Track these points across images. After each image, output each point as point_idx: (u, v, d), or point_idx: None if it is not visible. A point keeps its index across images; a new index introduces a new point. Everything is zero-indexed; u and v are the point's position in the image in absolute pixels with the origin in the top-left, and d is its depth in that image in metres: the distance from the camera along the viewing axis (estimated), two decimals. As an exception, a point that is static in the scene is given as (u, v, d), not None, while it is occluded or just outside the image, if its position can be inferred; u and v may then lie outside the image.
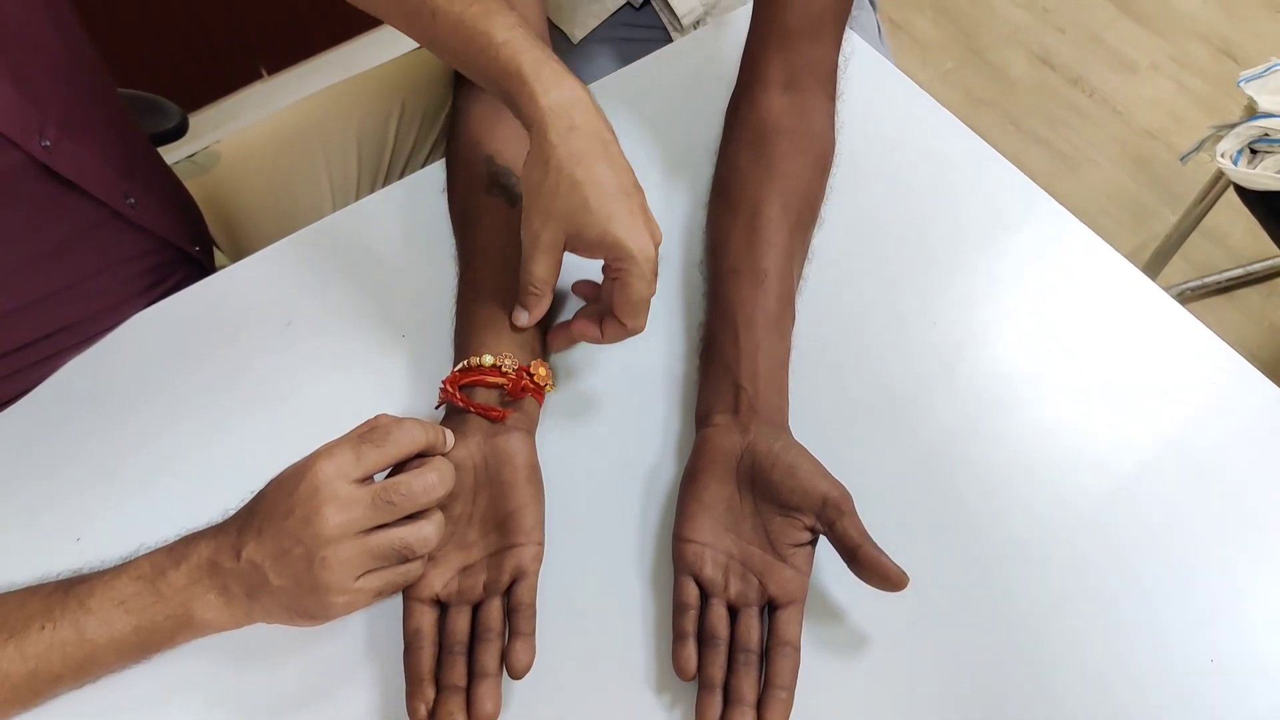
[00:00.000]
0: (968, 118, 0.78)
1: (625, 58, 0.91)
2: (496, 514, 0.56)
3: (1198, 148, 1.29)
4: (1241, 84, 1.24)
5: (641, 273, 0.56)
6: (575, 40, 0.99)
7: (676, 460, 0.63)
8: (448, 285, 0.67)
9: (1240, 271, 1.66)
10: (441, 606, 0.55)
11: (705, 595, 0.55)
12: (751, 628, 0.53)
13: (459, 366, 0.60)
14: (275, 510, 0.51)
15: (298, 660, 0.56)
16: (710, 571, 0.55)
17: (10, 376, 0.66)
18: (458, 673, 0.52)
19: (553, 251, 0.58)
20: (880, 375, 0.67)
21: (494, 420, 0.58)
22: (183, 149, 0.93)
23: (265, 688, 0.55)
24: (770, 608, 0.54)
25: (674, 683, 0.54)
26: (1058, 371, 0.67)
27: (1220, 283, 1.66)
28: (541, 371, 0.60)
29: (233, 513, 0.54)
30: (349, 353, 0.68)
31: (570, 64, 0.60)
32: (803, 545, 0.55)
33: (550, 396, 0.63)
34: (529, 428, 0.60)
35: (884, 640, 0.56)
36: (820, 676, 0.54)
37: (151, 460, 0.63)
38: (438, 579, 0.54)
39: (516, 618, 0.53)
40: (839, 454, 0.57)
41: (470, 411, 0.58)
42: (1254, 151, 1.21)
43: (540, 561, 0.56)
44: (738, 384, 0.59)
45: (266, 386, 0.66)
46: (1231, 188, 1.26)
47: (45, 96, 0.60)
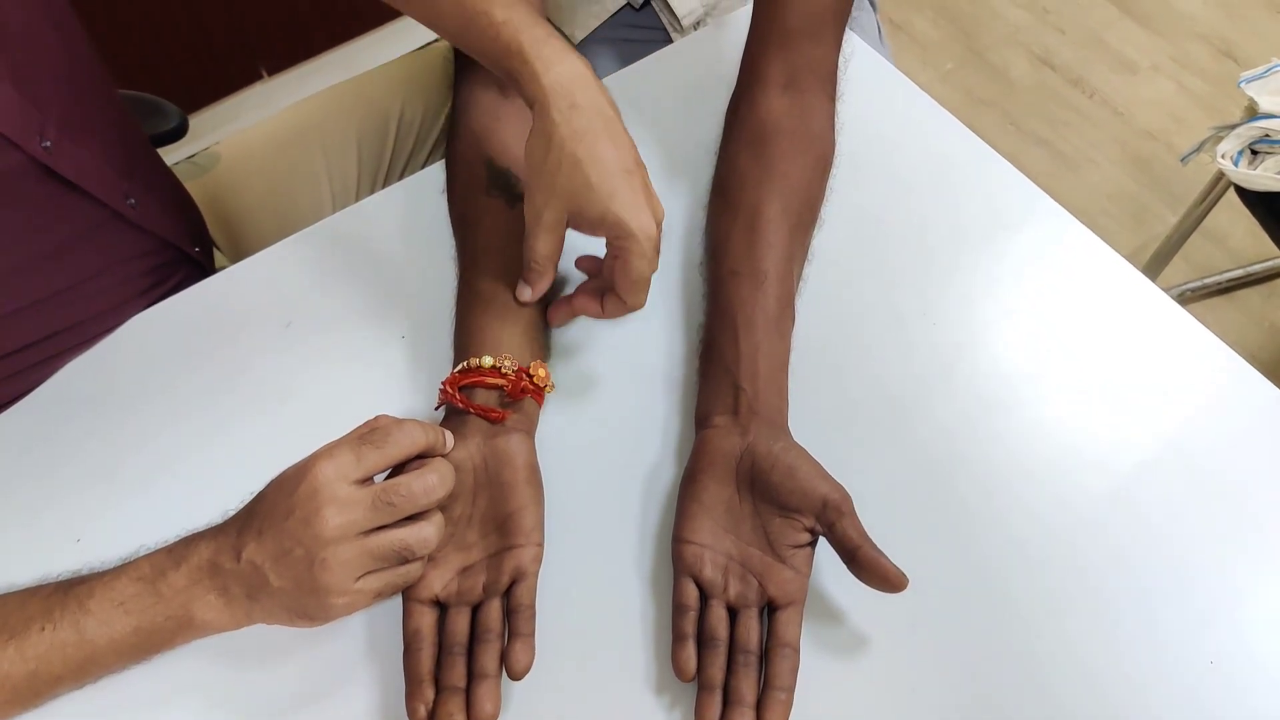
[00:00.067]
0: (968, 118, 0.78)
1: (625, 59, 0.91)
2: (496, 515, 0.56)
3: (1198, 148, 1.29)
4: (1242, 85, 1.24)
5: (642, 251, 0.57)
6: (575, 41, 0.99)
7: (676, 462, 0.63)
8: (447, 286, 0.67)
9: (1240, 272, 1.66)
10: (441, 607, 0.55)
11: (705, 596, 0.55)
12: (751, 629, 0.53)
13: (459, 368, 0.60)
14: (275, 511, 0.51)
15: (297, 661, 0.56)
16: (710, 573, 0.55)
17: (11, 377, 0.66)
18: (457, 674, 0.52)
19: (555, 229, 0.59)
20: (880, 376, 0.67)
21: (494, 421, 0.58)
22: (183, 150, 0.93)
23: (265, 688, 0.55)
24: (770, 609, 0.54)
25: (673, 684, 0.54)
26: (1057, 372, 0.67)
27: (1220, 283, 1.66)
28: (541, 373, 0.60)
29: (233, 514, 0.54)
30: (349, 353, 0.68)
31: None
32: (802, 546, 0.55)
33: (550, 398, 0.63)
34: (529, 429, 0.60)
35: (883, 641, 0.56)
36: (820, 678, 0.54)
37: (151, 461, 0.63)
38: (437, 580, 0.54)
39: (516, 619, 0.53)
40: (838, 455, 0.57)
41: (470, 413, 0.58)
42: (1254, 152, 1.21)
43: (540, 563, 0.56)
44: (737, 385, 0.59)
45: (266, 387, 0.66)
46: (1232, 189, 1.26)
47: (45, 97, 0.60)
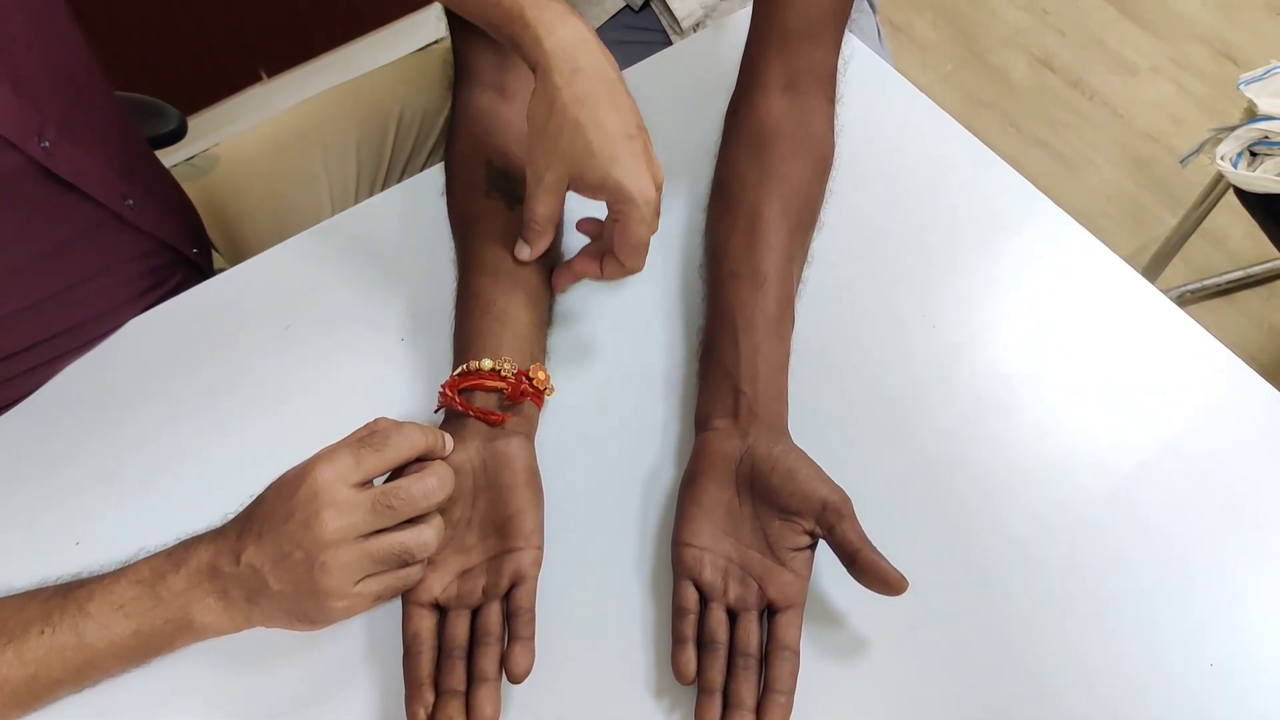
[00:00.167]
0: (968, 120, 0.78)
1: (625, 60, 0.90)
2: (496, 518, 0.56)
3: (1198, 150, 1.29)
4: (1241, 87, 1.24)
5: (641, 216, 0.57)
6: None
7: (676, 464, 0.63)
8: (447, 289, 0.67)
9: (1240, 274, 1.66)
10: (441, 611, 0.55)
11: (704, 599, 0.55)
12: (751, 632, 0.53)
13: (458, 370, 0.60)
14: (275, 514, 0.51)
15: (297, 664, 0.55)
16: (709, 576, 0.55)
17: (11, 380, 0.66)
18: (457, 677, 0.52)
19: (555, 192, 0.59)
20: (879, 378, 0.66)
21: (493, 424, 0.58)
22: (182, 152, 0.93)
23: (264, 691, 0.55)
24: (769, 612, 0.54)
25: (673, 687, 0.54)
26: (1057, 373, 0.67)
27: (1220, 285, 1.66)
28: (541, 375, 0.60)
29: (232, 517, 0.54)
30: (348, 356, 0.68)
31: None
32: (802, 549, 0.55)
33: (549, 400, 0.63)
34: (528, 432, 0.60)
35: (883, 644, 0.56)
36: (820, 680, 0.54)
37: (151, 464, 0.63)
38: (437, 583, 0.54)
39: (516, 622, 0.53)
40: (838, 457, 0.57)
41: (469, 415, 0.58)
42: (1254, 154, 1.21)
43: (539, 566, 0.56)
44: (737, 388, 0.59)
45: (265, 390, 0.66)
46: (1231, 190, 1.26)
47: (44, 99, 0.60)
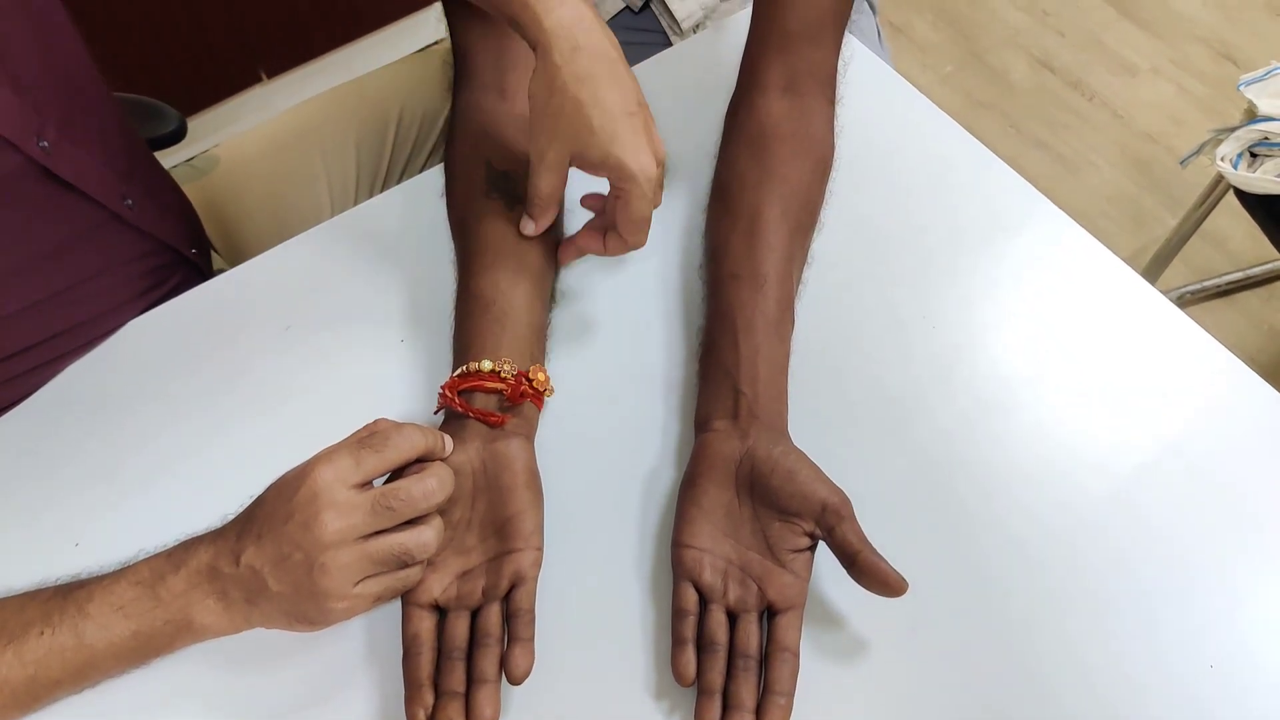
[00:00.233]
0: (968, 121, 0.78)
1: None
2: (495, 519, 0.56)
3: (1198, 151, 1.29)
4: (1241, 88, 1.24)
5: (642, 192, 0.58)
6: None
7: (675, 465, 0.63)
8: (446, 290, 0.67)
9: (1240, 275, 1.66)
10: (440, 612, 0.55)
11: (704, 601, 0.55)
12: (750, 633, 0.53)
13: (458, 371, 0.60)
14: (274, 515, 0.50)
15: (296, 665, 0.55)
16: (709, 577, 0.55)
17: (11, 381, 0.66)
18: (456, 678, 0.52)
19: (558, 169, 0.60)
20: (880, 379, 0.66)
21: (493, 425, 0.58)
22: (181, 153, 0.93)
23: (264, 692, 0.55)
24: (769, 613, 0.54)
25: (673, 688, 0.54)
26: (1057, 374, 0.67)
27: (1220, 286, 1.66)
28: (540, 377, 0.60)
29: (232, 518, 0.54)
30: (348, 357, 0.68)
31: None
32: (802, 551, 0.55)
33: (549, 402, 0.63)
34: (528, 433, 0.60)
35: (883, 646, 0.56)
36: (819, 682, 0.54)
37: (151, 465, 0.63)
38: (436, 584, 0.54)
39: (515, 623, 0.53)
40: (838, 459, 0.57)
41: (469, 417, 0.58)
42: (1254, 155, 1.21)
43: (539, 567, 0.56)
44: (737, 389, 0.59)
45: (265, 391, 0.66)
46: (1231, 191, 1.26)
47: (43, 99, 0.60)
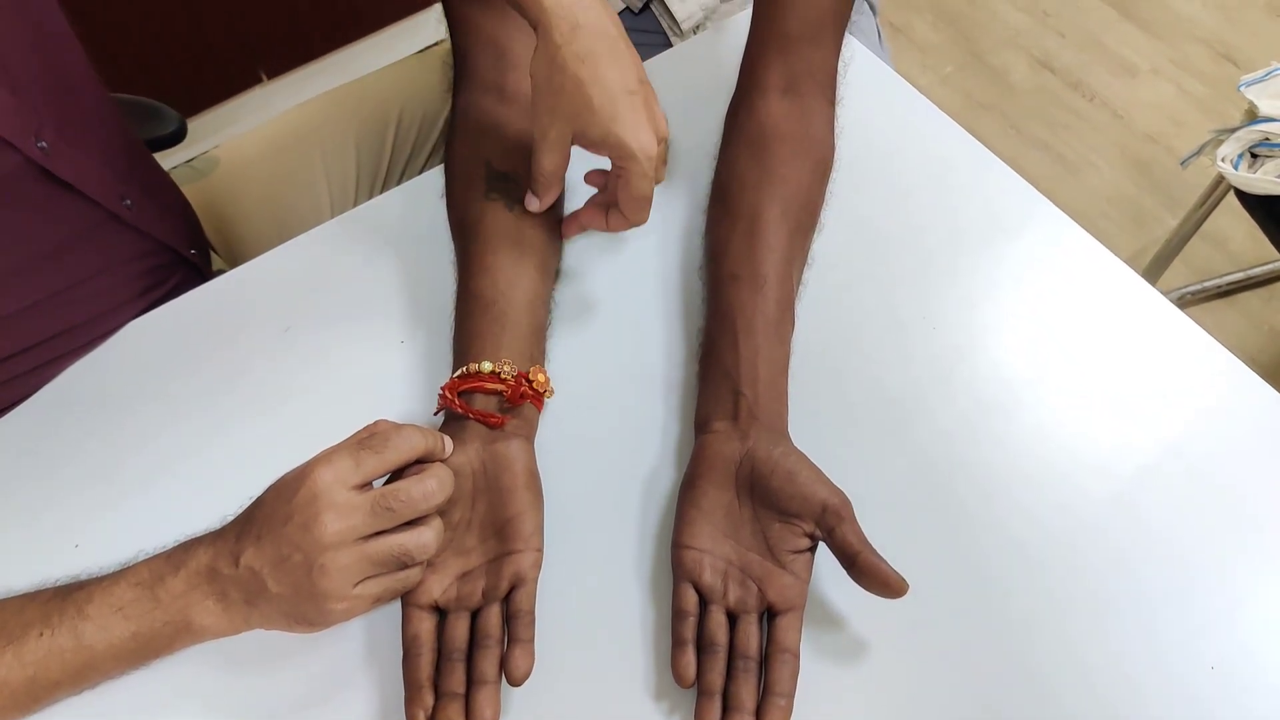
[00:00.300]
0: (968, 122, 0.78)
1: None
2: (495, 520, 0.56)
3: (1198, 152, 1.29)
4: (1242, 88, 1.24)
5: (643, 171, 0.58)
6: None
7: (675, 466, 0.63)
8: (446, 291, 0.67)
9: (1240, 276, 1.66)
10: (440, 613, 0.55)
11: (704, 602, 0.55)
12: (750, 634, 0.53)
13: (458, 373, 0.60)
14: (274, 516, 0.50)
15: (296, 666, 0.55)
16: (709, 578, 0.55)
17: (11, 381, 0.66)
18: (456, 679, 0.52)
19: (560, 147, 0.60)
20: (880, 380, 0.66)
21: (493, 426, 0.58)
22: (181, 154, 0.93)
23: (264, 694, 0.55)
24: (769, 614, 0.54)
25: (673, 689, 0.54)
26: (1057, 376, 0.67)
27: (1220, 287, 1.66)
28: (540, 378, 0.60)
29: (231, 519, 0.54)
30: (348, 358, 0.68)
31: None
32: (802, 552, 0.55)
33: (549, 403, 0.63)
34: (528, 434, 0.60)
35: (883, 647, 0.56)
36: (819, 683, 0.54)
37: (150, 465, 0.63)
38: (436, 585, 0.54)
39: (515, 624, 0.53)
40: (838, 459, 0.57)
41: (469, 418, 0.58)
42: (1254, 156, 1.21)
43: (539, 568, 0.56)
44: (737, 390, 0.59)
45: (265, 392, 0.66)
46: (1232, 192, 1.26)
47: (41, 100, 0.60)
